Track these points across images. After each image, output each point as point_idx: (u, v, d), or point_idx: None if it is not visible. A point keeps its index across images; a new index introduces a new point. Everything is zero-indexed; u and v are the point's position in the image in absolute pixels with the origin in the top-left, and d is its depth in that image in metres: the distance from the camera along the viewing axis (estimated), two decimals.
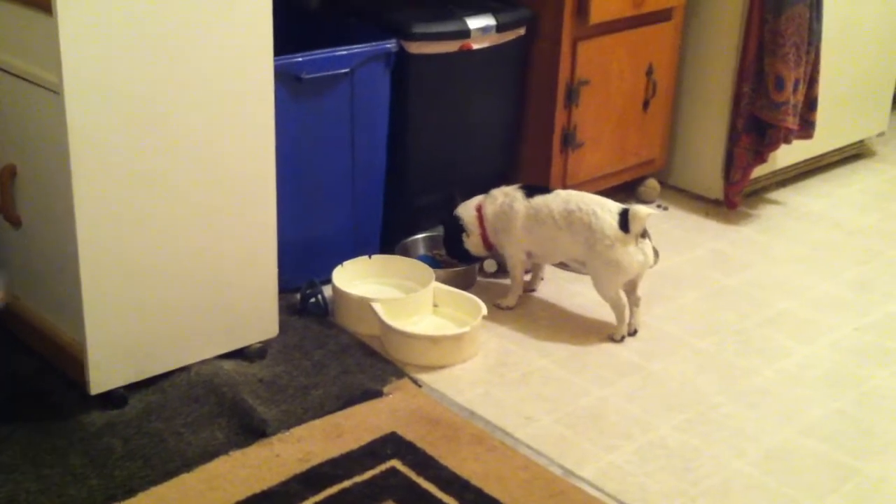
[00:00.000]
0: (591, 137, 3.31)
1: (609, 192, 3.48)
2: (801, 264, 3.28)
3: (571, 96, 3.20)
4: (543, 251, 2.86)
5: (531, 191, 2.82)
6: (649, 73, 3.42)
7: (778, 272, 3.22)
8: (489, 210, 2.84)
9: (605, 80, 3.28)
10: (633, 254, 2.67)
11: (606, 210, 2.70)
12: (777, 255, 3.33)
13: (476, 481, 2.16)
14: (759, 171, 3.57)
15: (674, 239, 3.37)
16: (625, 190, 3.58)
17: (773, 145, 3.47)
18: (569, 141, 3.25)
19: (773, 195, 3.76)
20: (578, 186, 3.35)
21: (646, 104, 3.45)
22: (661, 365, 2.67)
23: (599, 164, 3.40)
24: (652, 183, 3.63)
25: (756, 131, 3.44)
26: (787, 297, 3.06)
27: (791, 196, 3.77)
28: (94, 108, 2.10)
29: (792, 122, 3.40)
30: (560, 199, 2.76)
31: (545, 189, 2.86)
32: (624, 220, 2.66)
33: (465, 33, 2.97)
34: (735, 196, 3.53)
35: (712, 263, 3.25)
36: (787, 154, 3.64)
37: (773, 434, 2.42)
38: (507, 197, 2.82)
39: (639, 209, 2.67)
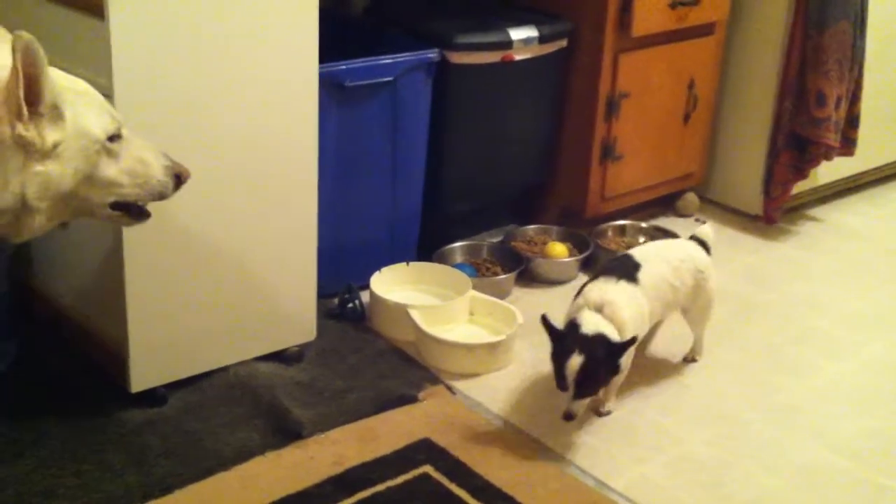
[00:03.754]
0: (631, 150, 3.32)
1: (647, 206, 3.51)
2: (837, 281, 3.26)
3: (612, 109, 3.21)
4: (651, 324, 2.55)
5: (619, 274, 2.42)
6: (690, 86, 3.42)
7: (814, 289, 3.20)
8: (624, 314, 2.33)
9: (646, 93, 3.29)
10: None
11: (694, 247, 2.61)
12: (813, 272, 3.32)
13: (508, 489, 2.17)
14: (798, 188, 3.56)
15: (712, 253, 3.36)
16: (663, 203, 3.58)
17: (814, 162, 3.46)
18: (608, 153, 3.26)
19: (813, 212, 3.74)
20: (617, 199, 3.37)
21: (686, 118, 3.45)
22: (694, 379, 2.67)
23: (638, 177, 3.40)
24: (690, 197, 3.63)
25: (797, 147, 3.43)
26: (822, 313, 3.05)
27: (830, 213, 3.75)
28: (143, 112, 2.14)
29: (833, 139, 3.39)
30: (659, 261, 2.49)
31: (626, 264, 2.49)
32: (707, 248, 2.64)
33: (508, 44, 2.99)
34: (774, 212, 3.52)
35: (748, 278, 3.24)
36: (828, 171, 3.63)
37: (804, 451, 2.41)
38: (623, 293, 2.37)
39: (707, 232, 2.66)
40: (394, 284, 2.87)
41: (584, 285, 2.44)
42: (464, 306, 2.80)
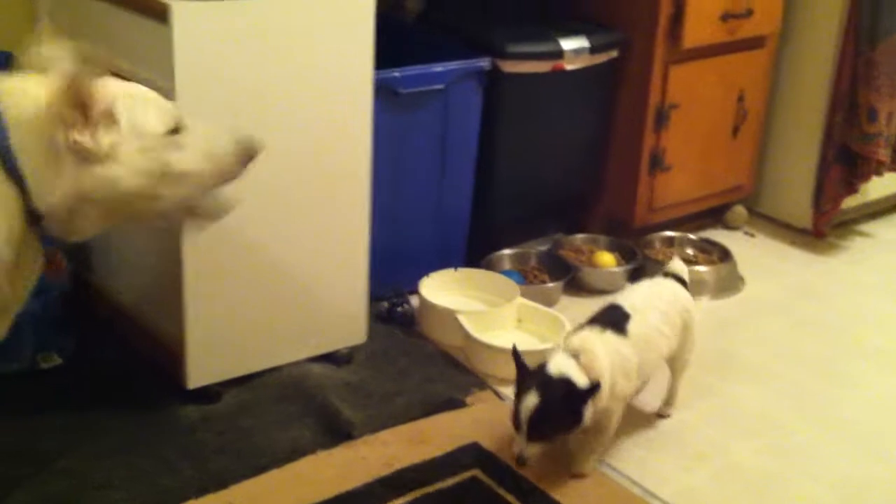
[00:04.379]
0: (679, 161, 3.33)
1: (695, 218, 3.51)
2: (886, 296, 3.24)
3: (661, 119, 3.22)
4: (644, 379, 2.37)
5: (606, 324, 2.24)
6: (740, 99, 3.42)
7: (863, 303, 3.19)
8: (601, 364, 2.15)
9: (696, 104, 3.30)
10: None
11: (676, 286, 2.45)
12: (863, 287, 3.30)
13: (556, 494, 2.18)
14: (848, 202, 3.54)
15: (759, 267, 3.36)
16: (711, 215, 3.58)
17: (864, 177, 3.44)
18: (657, 164, 3.27)
19: (862, 227, 3.72)
20: (665, 210, 3.37)
21: (735, 130, 3.46)
22: (741, 390, 2.67)
23: (686, 188, 3.41)
24: (739, 209, 3.63)
25: (847, 162, 3.42)
26: (871, 328, 3.03)
27: (880, 228, 3.73)
28: (203, 115, 2.17)
29: (884, 154, 3.37)
30: (649, 310, 2.33)
31: (614, 314, 2.30)
32: (684, 284, 2.49)
33: (559, 54, 3.01)
34: (824, 226, 3.51)
35: (797, 292, 3.23)
36: (878, 186, 3.61)
37: (852, 463, 2.40)
38: (605, 344, 2.19)
39: (680, 267, 2.51)
40: (442, 289, 2.90)
41: (569, 332, 2.31)
42: (512, 313, 2.81)
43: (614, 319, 2.27)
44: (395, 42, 2.96)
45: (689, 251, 3.34)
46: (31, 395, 2.38)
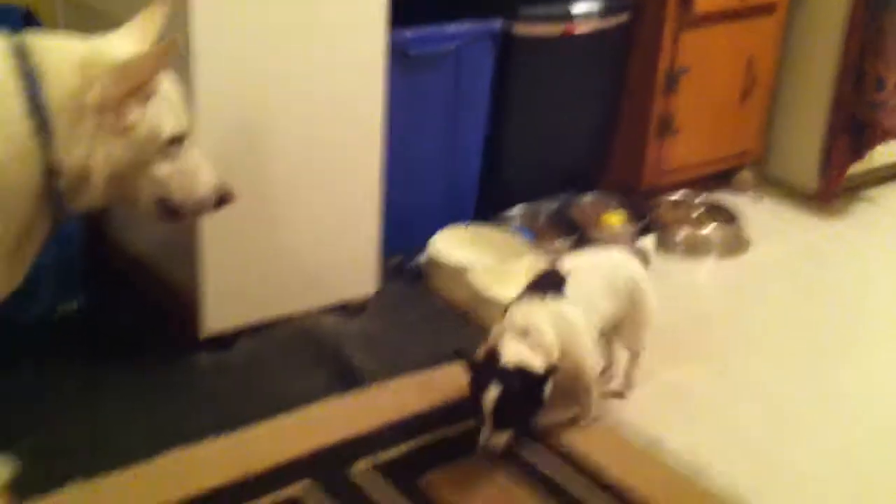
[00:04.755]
0: (688, 126, 3.35)
1: (702, 182, 3.54)
2: (892, 261, 3.28)
3: (671, 84, 3.25)
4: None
5: (545, 290, 2.23)
6: (749, 64, 3.44)
7: (868, 267, 3.23)
8: (549, 337, 2.14)
9: (706, 69, 3.32)
10: None
11: (629, 257, 2.43)
12: (868, 252, 3.33)
13: (562, 443, 2.24)
14: (854, 168, 3.57)
15: (765, 230, 3.39)
16: (719, 179, 3.61)
17: (871, 145, 3.47)
18: (666, 127, 3.30)
19: (869, 192, 3.75)
20: (673, 173, 3.41)
21: (744, 95, 3.48)
22: (747, 351, 2.71)
23: (694, 152, 3.43)
24: (746, 174, 3.66)
25: (855, 130, 3.45)
26: (875, 292, 3.07)
27: (887, 194, 3.76)
28: (220, 73, 2.22)
29: (890, 122, 3.39)
30: (587, 271, 2.31)
31: (550, 278, 2.29)
32: (645, 261, 2.47)
33: (569, 17, 3.03)
34: (830, 191, 3.54)
35: (802, 255, 3.27)
36: (885, 152, 3.63)
37: (853, 427, 2.43)
38: (548, 313, 2.18)
39: (647, 246, 2.51)
40: (452, 246, 2.93)
41: (510, 304, 2.26)
42: (521, 270, 2.85)
43: (551, 283, 2.25)
44: (404, 3, 2.99)
45: (696, 213, 3.37)
46: (49, 342, 2.43)
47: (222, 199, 1.88)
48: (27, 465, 1.99)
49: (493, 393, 2.04)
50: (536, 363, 2.09)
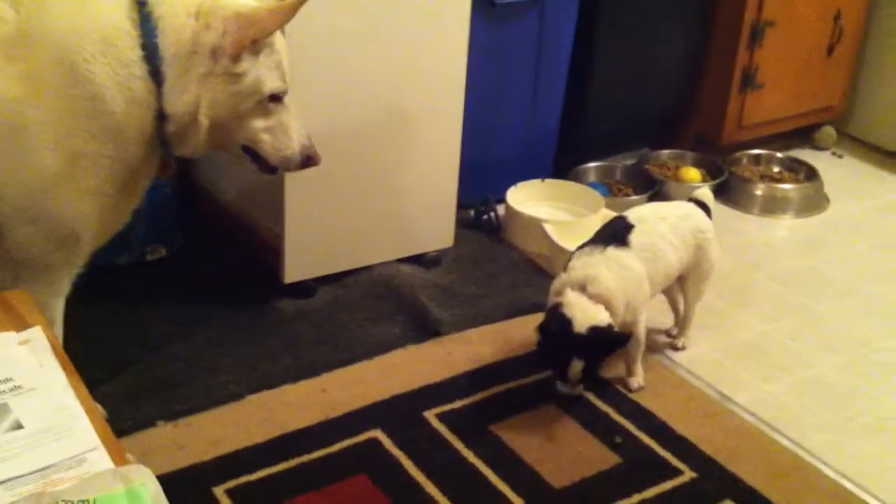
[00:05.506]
0: (772, 79, 3.31)
1: (783, 137, 3.50)
2: None
3: (755, 36, 3.20)
4: (656, 289, 2.35)
5: (608, 239, 2.26)
6: (837, 18, 3.37)
7: None
8: (608, 286, 2.16)
9: (792, 22, 3.27)
10: None
11: (695, 208, 2.42)
12: None
13: (633, 395, 2.27)
14: None
15: (847, 187, 3.35)
16: (800, 135, 3.56)
17: None
18: (748, 81, 3.26)
19: None
20: (754, 128, 3.37)
21: (830, 50, 3.42)
22: (826, 307, 2.70)
23: (777, 107, 3.39)
24: (828, 130, 3.60)
25: None
26: None
27: None
28: (308, 29, 2.24)
29: None
30: (654, 220, 2.31)
31: (616, 226, 2.32)
32: (707, 211, 2.44)
33: None
34: None
35: (884, 213, 3.22)
36: None
37: None
38: (608, 263, 2.19)
39: (707, 194, 2.48)
40: (529, 199, 2.96)
41: (573, 254, 2.27)
42: (596, 223, 2.85)
43: (615, 232, 2.28)
44: None
45: (776, 169, 3.34)
46: (139, 286, 2.53)
47: (307, 160, 1.92)
48: (118, 405, 2.07)
49: (577, 367, 2.12)
50: (602, 317, 2.11)
